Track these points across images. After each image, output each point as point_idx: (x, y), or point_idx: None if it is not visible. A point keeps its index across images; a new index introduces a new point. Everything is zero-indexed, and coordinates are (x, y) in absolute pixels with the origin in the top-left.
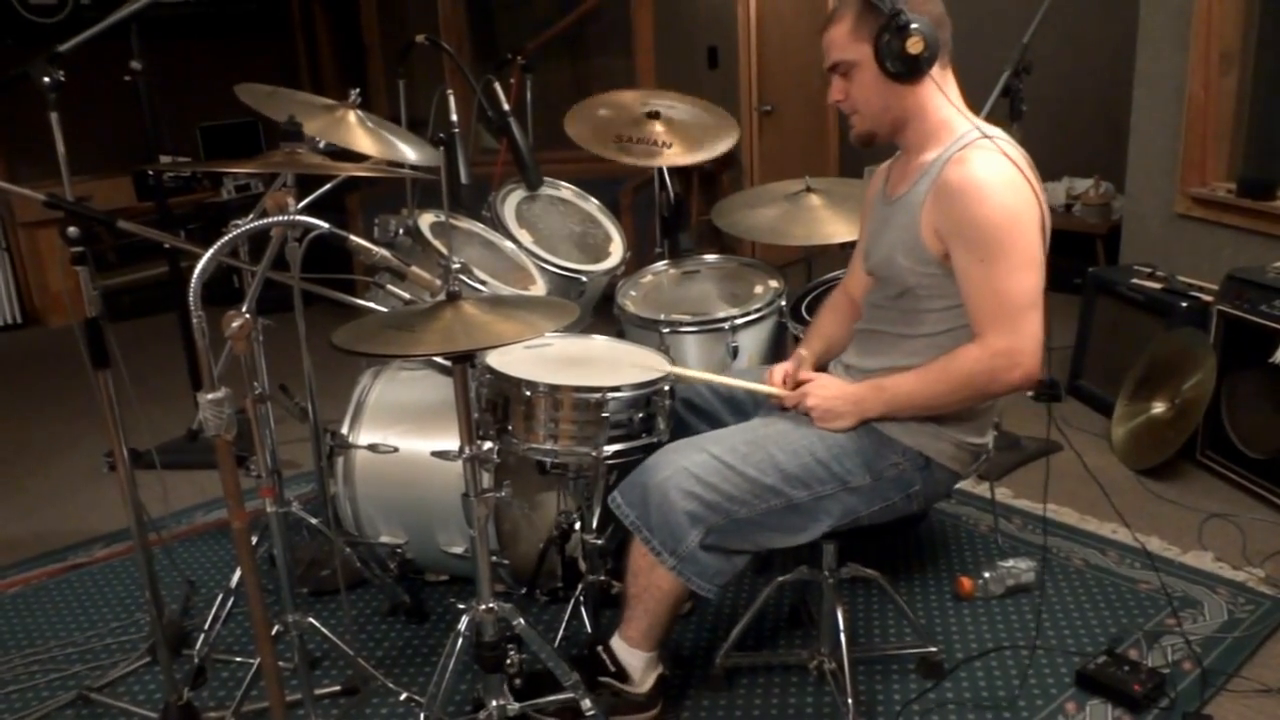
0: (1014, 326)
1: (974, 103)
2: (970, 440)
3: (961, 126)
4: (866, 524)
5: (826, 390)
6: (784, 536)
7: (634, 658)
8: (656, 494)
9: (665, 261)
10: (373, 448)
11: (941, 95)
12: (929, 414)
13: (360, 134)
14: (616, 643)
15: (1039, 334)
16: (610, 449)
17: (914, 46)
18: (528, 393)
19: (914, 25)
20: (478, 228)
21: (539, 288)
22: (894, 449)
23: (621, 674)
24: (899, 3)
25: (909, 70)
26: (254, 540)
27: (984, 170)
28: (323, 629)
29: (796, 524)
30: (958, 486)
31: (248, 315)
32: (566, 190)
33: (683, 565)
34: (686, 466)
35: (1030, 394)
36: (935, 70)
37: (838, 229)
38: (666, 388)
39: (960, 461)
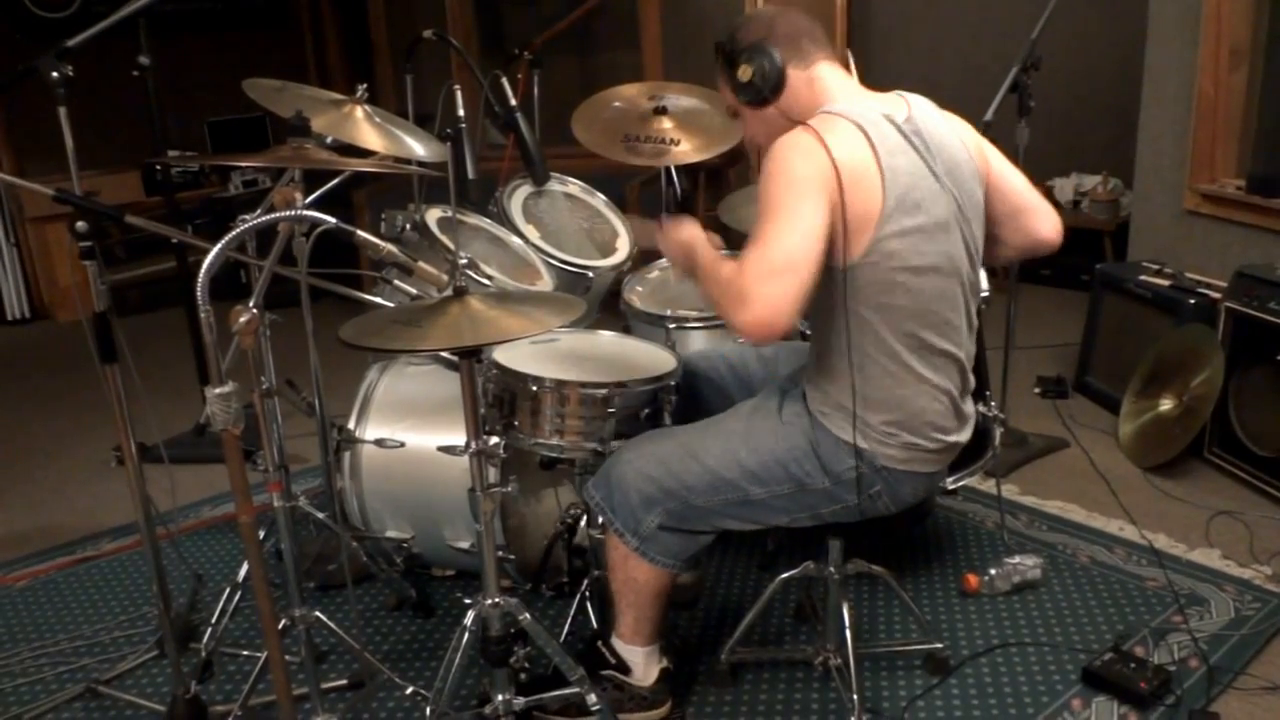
0: (763, 280)
1: (982, 100)
2: (917, 441)
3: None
4: (830, 521)
5: (677, 230)
6: (742, 524)
7: (632, 654)
8: (618, 476)
9: None
10: (379, 443)
11: (808, 97)
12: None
13: (367, 129)
14: (614, 641)
15: (778, 300)
16: (616, 444)
17: (743, 75)
18: (534, 388)
19: (741, 56)
20: (484, 223)
21: (545, 283)
22: (850, 452)
23: (622, 667)
24: (733, 39)
25: (757, 96)
26: (261, 534)
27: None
28: (329, 623)
29: (753, 515)
30: (964, 483)
31: (255, 310)
32: (573, 185)
33: (645, 545)
34: (651, 451)
35: (1037, 390)
36: (796, 75)
37: None
38: (673, 383)
39: (922, 461)
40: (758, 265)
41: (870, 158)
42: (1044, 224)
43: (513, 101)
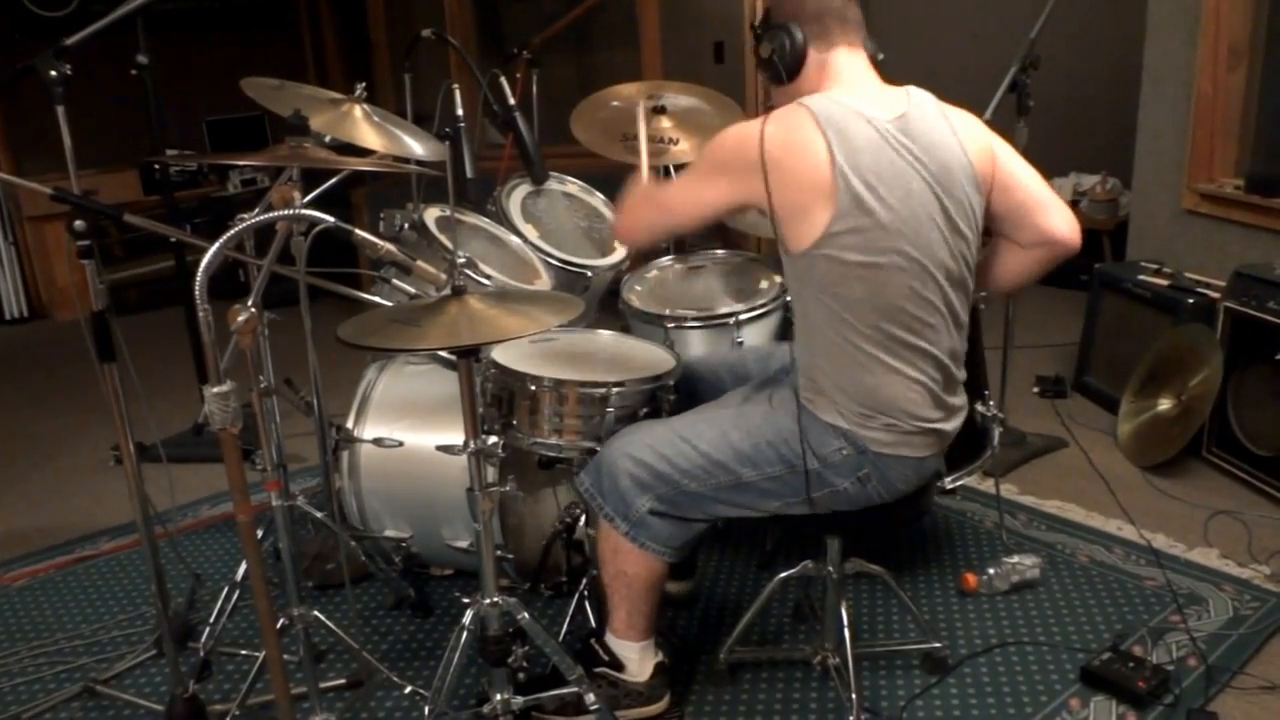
0: (644, 203)
1: (981, 99)
2: (895, 422)
3: None
4: (826, 509)
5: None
6: (735, 510)
7: (625, 649)
8: (608, 462)
9: (670, 256)
10: (378, 442)
11: (815, 81)
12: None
13: (366, 128)
14: (608, 637)
15: (642, 223)
16: None
17: (763, 52)
18: (533, 387)
19: (765, 34)
20: (483, 222)
21: (544, 282)
22: (836, 434)
23: (616, 664)
24: (767, 13)
25: (775, 74)
26: (259, 534)
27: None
28: (328, 622)
29: (745, 500)
30: (963, 483)
31: (253, 309)
32: (572, 185)
33: (635, 530)
34: (642, 437)
35: (1035, 390)
36: (814, 58)
37: None
38: (671, 383)
39: (908, 445)
40: (651, 191)
41: (821, 153)
42: (1056, 221)
43: (511, 101)
